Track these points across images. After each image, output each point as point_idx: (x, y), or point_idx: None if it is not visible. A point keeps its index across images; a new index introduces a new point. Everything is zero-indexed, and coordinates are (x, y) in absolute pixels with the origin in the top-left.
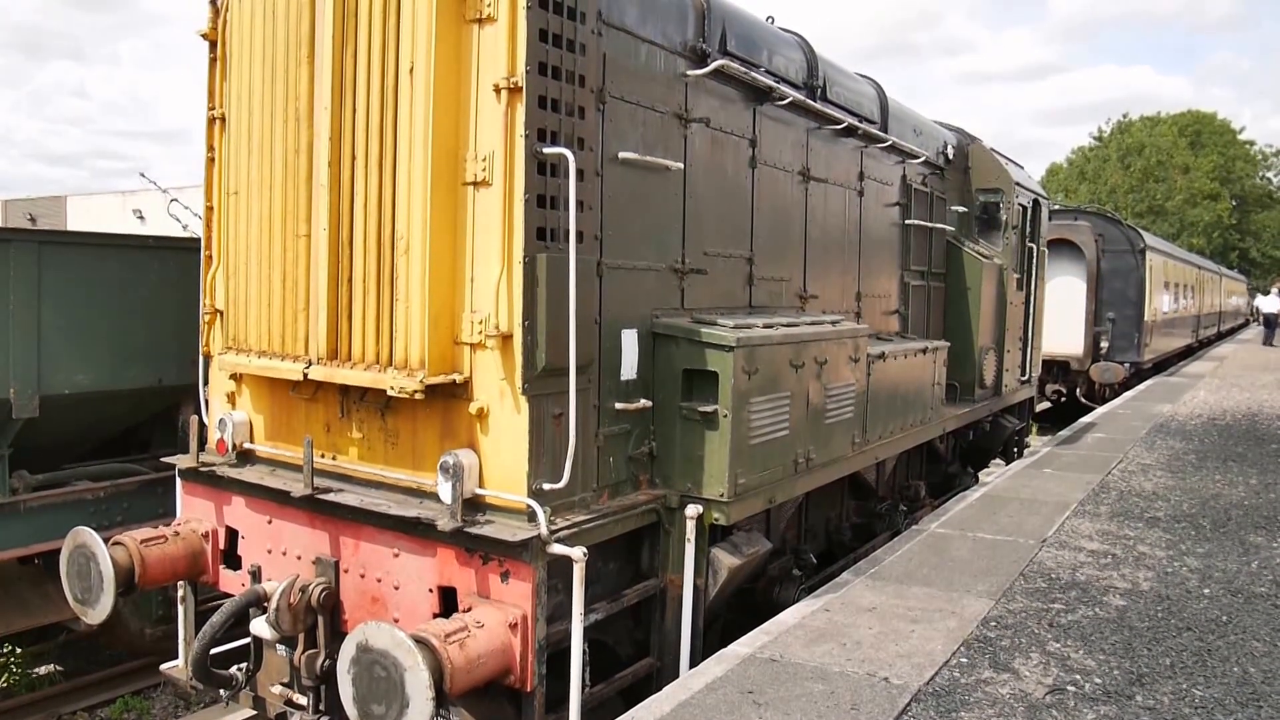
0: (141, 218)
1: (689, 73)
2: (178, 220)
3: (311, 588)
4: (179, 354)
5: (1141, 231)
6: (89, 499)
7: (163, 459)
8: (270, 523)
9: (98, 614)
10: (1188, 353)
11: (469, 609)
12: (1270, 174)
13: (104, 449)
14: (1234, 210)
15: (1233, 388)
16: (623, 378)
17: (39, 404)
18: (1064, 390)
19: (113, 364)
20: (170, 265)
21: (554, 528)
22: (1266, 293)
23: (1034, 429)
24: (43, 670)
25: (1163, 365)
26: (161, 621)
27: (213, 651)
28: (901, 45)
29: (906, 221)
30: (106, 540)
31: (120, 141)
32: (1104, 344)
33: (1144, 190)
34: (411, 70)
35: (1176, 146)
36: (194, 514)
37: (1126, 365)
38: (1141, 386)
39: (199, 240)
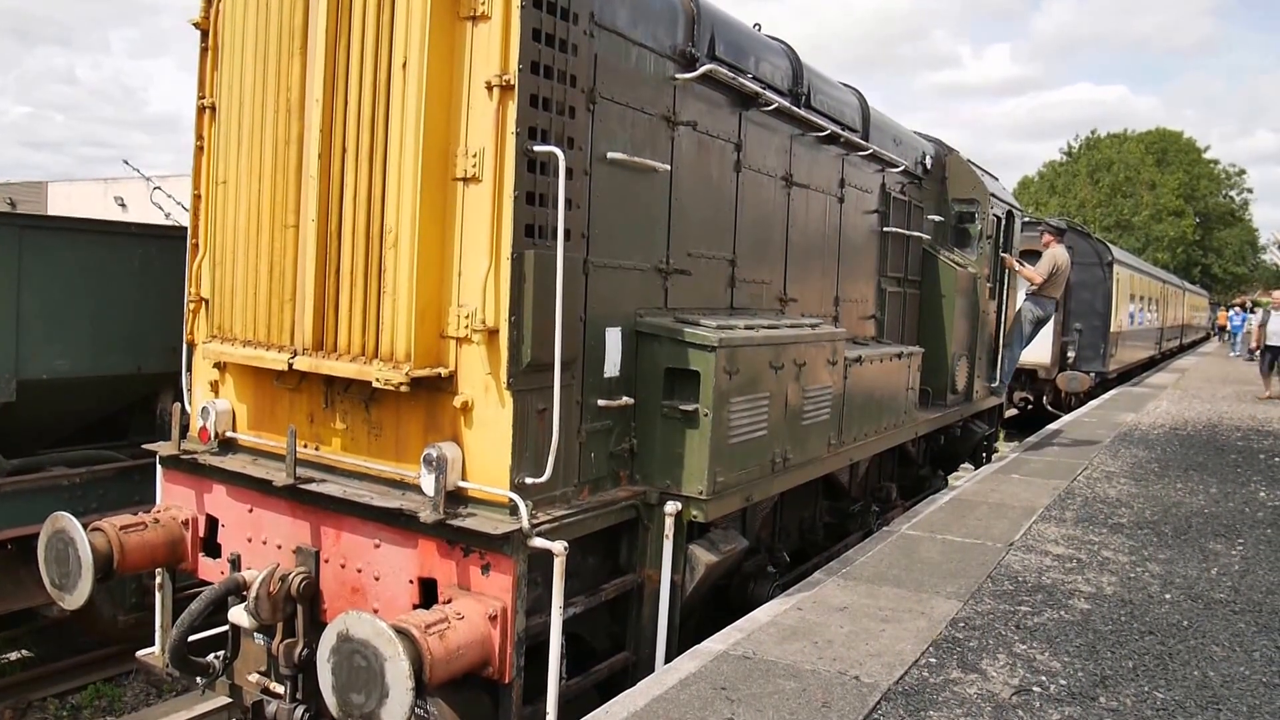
0: (123, 205)
1: (678, 76)
2: (160, 208)
3: (291, 577)
4: (159, 342)
5: (1109, 245)
6: (65, 485)
7: (144, 446)
8: (251, 511)
9: (74, 600)
10: (1151, 364)
11: (449, 600)
12: (1233, 192)
13: (81, 435)
14: (1198, 227)
15: (1194, 399)
16: (606, 375)
17: (15, 388)
18: (1031, 398)
19: (92, 350)
20: (152, 253)
21: (535, 522)
22: (1233, 307)
23: (1002, 435)
24: (13, 656)
25: (1127, 375)
26: (135, 609)
27: (189, 639)
28: (887, 58)
29: (885, 229)
30: (84, 526)
31: (108, 129)
32: (1071, 354)
33: (1112, 205)
34: (404, 65)
35: (1144, 163)
36: (174, 501)
37: (1092, 375)
38: (1106, 396)
39: (182, 228)
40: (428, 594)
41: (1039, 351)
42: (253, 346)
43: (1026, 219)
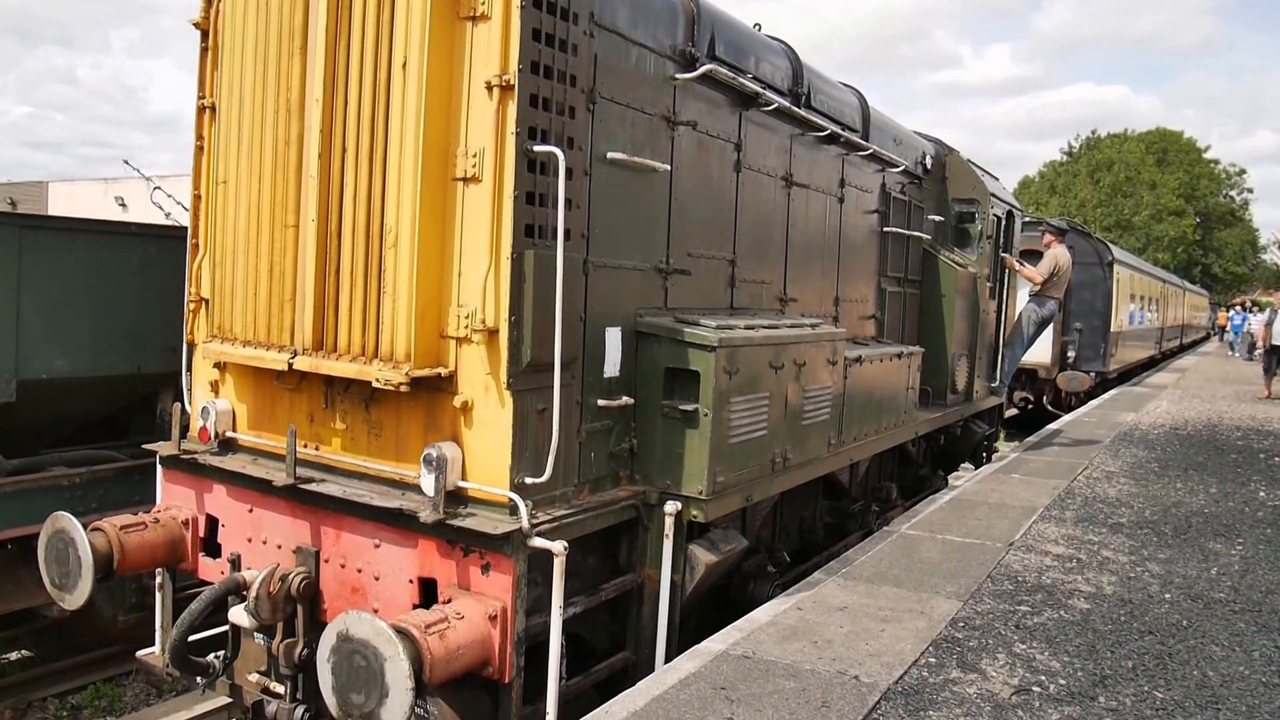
0: (124, 205)
1: (678, 76)
2: (160, 208)
3: (291, 577)
4: (159, 342)
5: (1109, 245)
6: (65, 484)
7: (144, 446)
8: (251, 511)
9: (75, 600)
10: (1151, 364)
11: (449, 600)
12: (1233, 192)
13: (81, 435)
14: (1198, 227)
15: (1194, 399)
16: (606, 375)
17: (15, 388)
18: (1031, 398)
19: (92, 350)
20: (152, 253)
21: (535, 521)
22: (1233, 307)
23: (1002, 435)
24: (13, 656)
25: (1127, 375)
26: (135, 609)
27: (189, 639)
28: (887, 58)
29: (885, 229)
30: (84, 526)
31: (108, 129)
32: (1071, 353)
33: (1112, 205)
34: (404, 65)
35: (1144, 163)
36: (174, 501)
37: (1092, 374)
38: (1107, 395)
39: (182, 228)
40: (428, 594)
41: (1039, 351)
42: (253, 346)
43: (1027, 219)
